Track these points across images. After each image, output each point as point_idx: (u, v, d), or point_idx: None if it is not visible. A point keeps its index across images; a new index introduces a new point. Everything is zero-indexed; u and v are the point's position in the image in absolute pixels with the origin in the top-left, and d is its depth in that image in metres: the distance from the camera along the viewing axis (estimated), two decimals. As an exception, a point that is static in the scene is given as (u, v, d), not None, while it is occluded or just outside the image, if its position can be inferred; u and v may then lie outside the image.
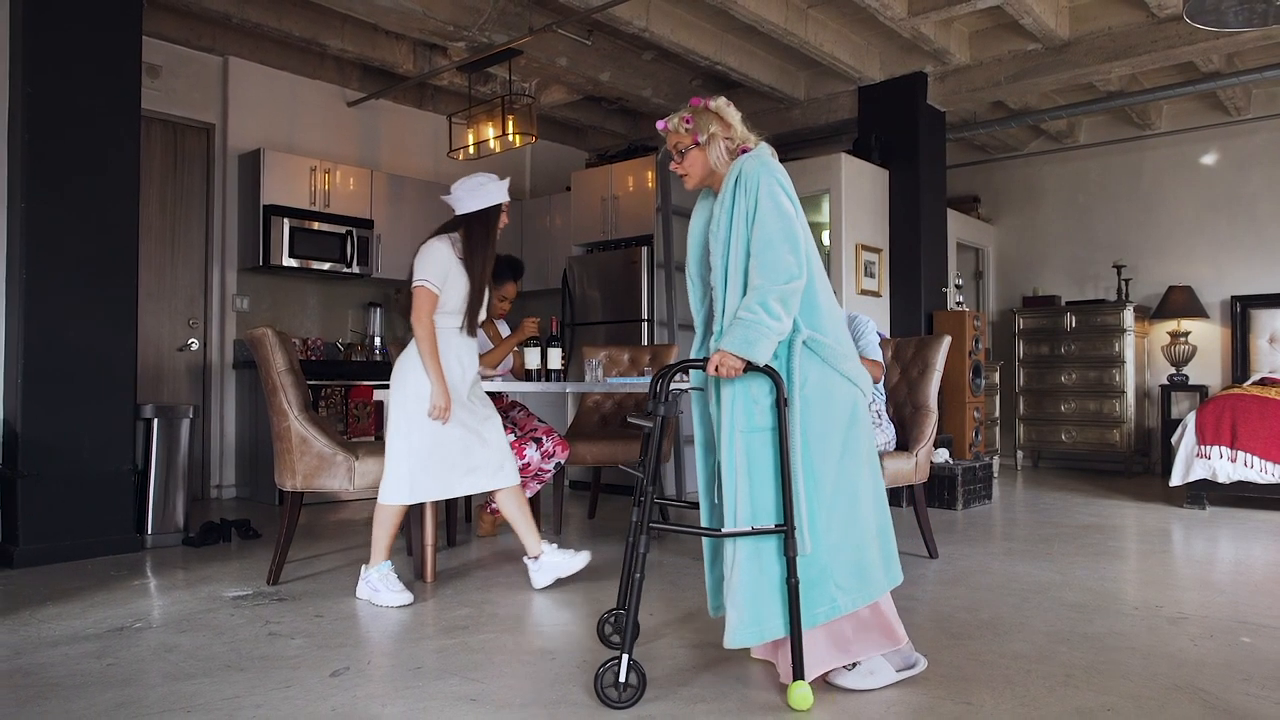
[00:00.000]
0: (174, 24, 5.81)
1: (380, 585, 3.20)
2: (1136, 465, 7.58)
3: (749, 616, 2.16)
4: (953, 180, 8.55)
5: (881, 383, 3.84)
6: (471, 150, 6.29)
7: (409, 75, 6.45)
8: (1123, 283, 7.63)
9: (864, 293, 6.48)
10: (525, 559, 3.43)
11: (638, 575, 2.16)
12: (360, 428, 5.98)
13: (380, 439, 6.05)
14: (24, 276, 3.92)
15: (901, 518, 4.64)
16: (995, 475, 7.28)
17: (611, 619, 2.67)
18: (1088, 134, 8.18)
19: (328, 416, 5.91)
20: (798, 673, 2.14)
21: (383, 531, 3.29)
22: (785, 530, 2.16)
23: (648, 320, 6.33)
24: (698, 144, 2.35)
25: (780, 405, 2.18)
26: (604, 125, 7.96)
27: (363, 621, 2.97)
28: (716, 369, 2.16)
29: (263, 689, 2.29)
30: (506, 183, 3.43)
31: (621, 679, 2.13)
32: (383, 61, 6.30)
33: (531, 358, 4.31)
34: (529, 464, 4.21)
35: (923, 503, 3.98)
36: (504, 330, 4.67)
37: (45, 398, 3.95)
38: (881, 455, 3.63)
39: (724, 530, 2.21)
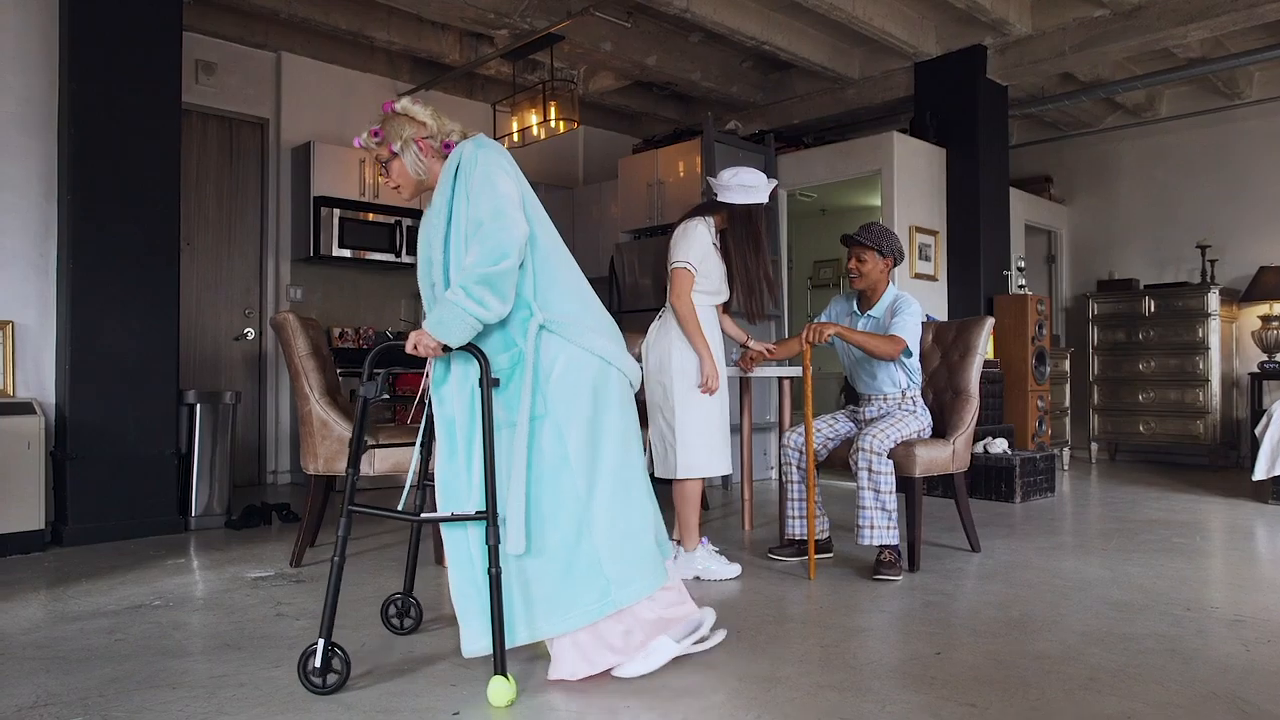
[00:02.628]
0: (229, 22, 5.95)
1: (709, 561, 3.32)
2: (1222, 459, 7.12)
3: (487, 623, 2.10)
4: (1022, 160, 8.18)
5: (917, 368, 3.65)
6: (515, 138, 6.29)
7: (456, 65, 6.48)
8: (1207, 264, 7.17)
9: (918, 276, 6.23)
10: (680, 551, 3.42)
11: (337, 559, 2.12)
12: (405, 414, 6.05)
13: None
14: (70, 267, 4.07)
15: (942, 509, 4.47)
16: (1065, 468, 6.94)
17: (397, 600, 2.64)
18: (1170, 106, 7.70)
19: (375, 405, 5.99)
20: (498, 666, 2.03)
21: (690, 510, 3.36)
22: (486, 518, 2.06)
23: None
24: (394, 153, 2.26)
25: (485, 387, 2.07)
26: (656, 111, 7.86)
27: (378, 597, 2.97)
28: (415, 347, 2.10)
29: (252, 668, 2.30)
30: (773, 185, 3.49)
31: (318, 664, 2.08)
32: (430, 52, 6.34)
33: None
34: None
35: (963, 493, 3.78)
36: None
37: (91, 383, 4.09)
38: (914, 442, 3.46)
39: (422, 515, 2.17)
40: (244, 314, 6.24)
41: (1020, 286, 6.60)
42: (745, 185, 3.39)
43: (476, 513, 2.09)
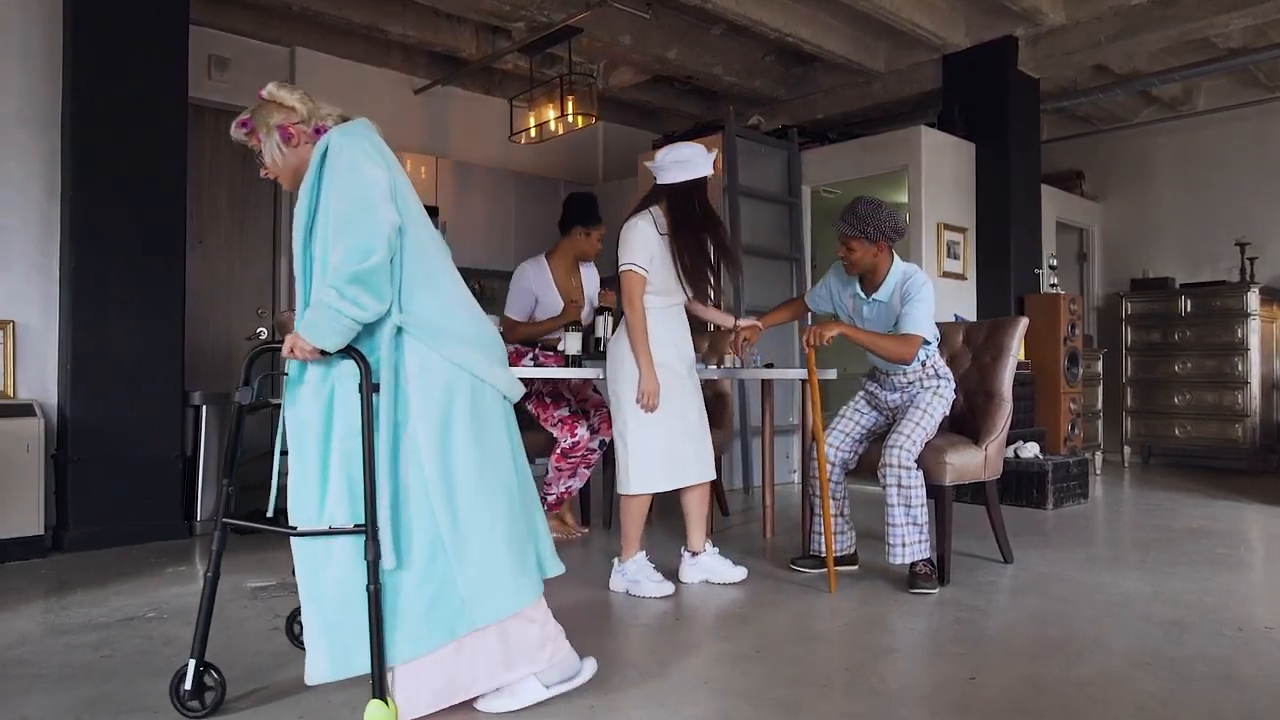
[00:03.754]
0: (243, 17, 5.87)
1: (640, 576, 3.14)
2: (1262, 463, 6.86)
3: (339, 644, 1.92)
4: (1053, 155, 7.94)
5: (935, 333, 3.37)
6: (533, 133, 6.16)
7: (473, 60, 6.36)
8: (1246, 262, 6.90)
9: (946, 274, 6.03)
10: (684, 549, 3.35)
11: (209, 574, 1.99)
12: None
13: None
14: (72, 266, 3.98)
15: (971, 516, 4.28)
16: (1097, 472, 6.71)
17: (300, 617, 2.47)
18: (1207, 99, 7.44)
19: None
20: (376, 689, 1.87)
21: (631, 522, 3.19)
22: (365, 532, 1.89)
23: (714, 305, 6.06)
24: (263, 142, 2.10)
25: (365, 393, 1.90)
26: (676, 107, 7.71)
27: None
28: (291, 351, 1.94)
29: (238, 689, 2.17)
30: (712, 156, 3.22)
31: (189, 687, 1.97)
32: (446, 47, 6.23)
33: (572, 343, 4.13)
34: (579, 443, 4.03)
35: (994, 501, 3.60)
36: (590, 277, 4.39)
37: (93, 384, 4.00)
38: (944, 448, 3.28)
39: (299, 529, 1.96)
40: (257, 313, 6.15)
41: (1052, 285, 6.39)
42: (679, 161, 3.14)
43: (355, 526, 1.92)
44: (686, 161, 3.14)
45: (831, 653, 2.54)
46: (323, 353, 1.93)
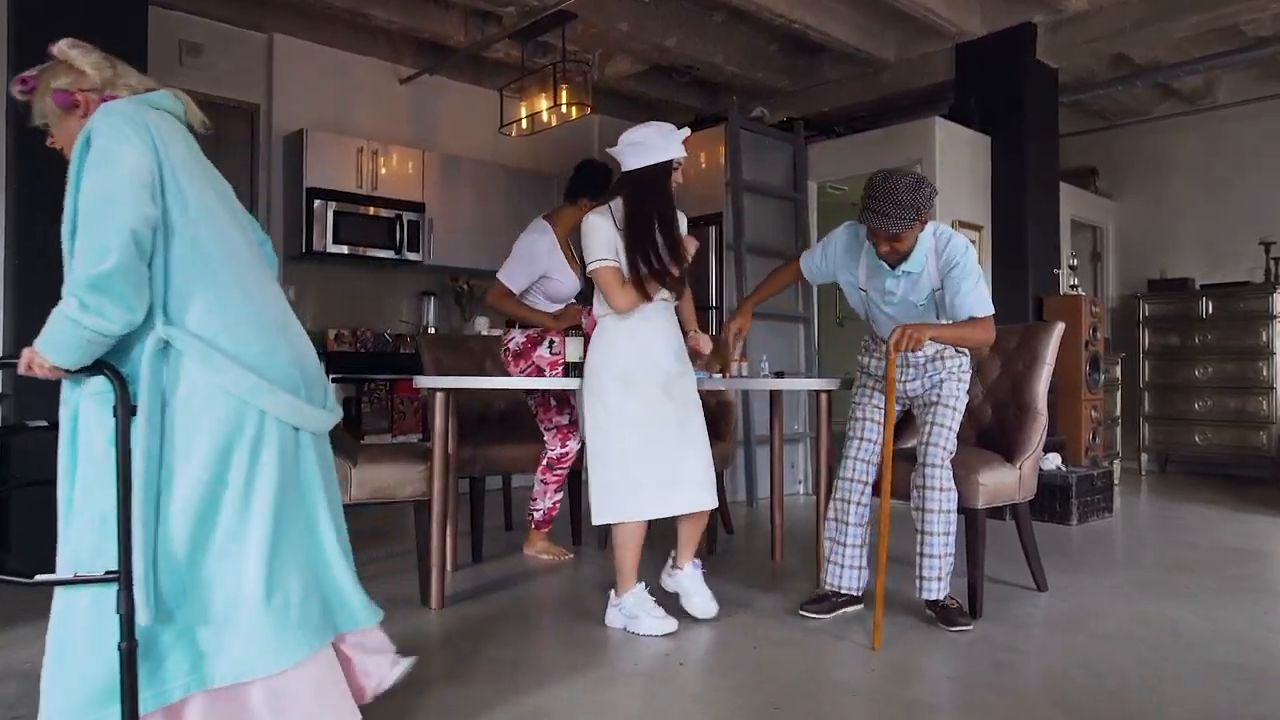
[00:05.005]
0: (218, 1, 5.53)
1: (638, 611, 2.79)
2: (1286, 472, 6.57)
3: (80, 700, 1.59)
4: (1067, 151, 7.60)
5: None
6: (524, 125, 5.84)
7: (461, 47, 6.03)
8: (1270, 262, 6.61)
9: (961, 275, 5.72)
10: (671, 554, 2.99)
11: None
12: (405, 425, 5.61)
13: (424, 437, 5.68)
14: (15, 266, 3.65)
15: (993, 532, 3.90)
16: (1116, 482, 6.41)
17: None
18: (1228, 93, 7.13)
19: (371, 413, 5.57)
20: None
21: (622, 552, 2.82)
22: (118, 579, 1.58)
23: (716, 308, 5.76)
24: (55, 105, 1.80)
25: (121, 417, 1.60)
26: (676, 99, 7.37)
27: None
28: (29, 368, 1.65)
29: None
30: (680, 135, 2.82)
31: None
32: (433, 34, 5.89)
33: (573, 349, 3.81)
34: (567, 454, 3.75)
35: (1028, 525, 3.29)
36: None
37: (38, 399, 3.65)
38: (977, 465, 2.96)
39: (37, 578, 1.63)
40: (232, 314, 5.82)
41: (1072, 286, 6.09)
42: (634, 144, 2.77)
43: (107, 573, 1.60)
44: (641, 143, 2.76)
45: (862, 711, 2.22)
46: (68, 371, 1.63)
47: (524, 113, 5.82)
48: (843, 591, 2.98)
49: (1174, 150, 7.45)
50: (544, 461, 3.78)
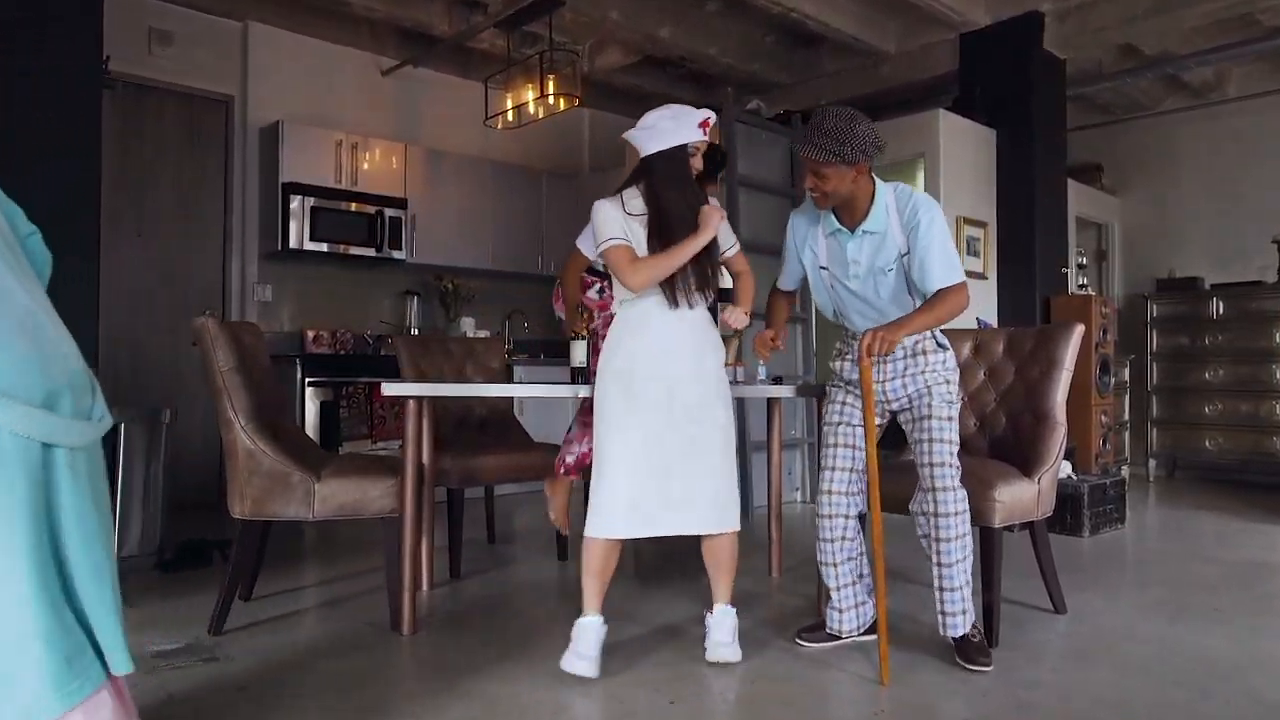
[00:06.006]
0: (189, -13, 5.30)
1: (573, 637, 2.46)
2: (1300, 479, 6.36)
3: None
4: (1071, 146, 7.37)
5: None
6: (510, 117, 5.59)
7: (446, 37, 5.79)
8: (1284, 261, 6.41)
9: (966, 274, 5.47)
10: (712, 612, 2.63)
11: None
12: (385, 430, 5.37)
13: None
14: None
15: (1012, 549, 3.64)
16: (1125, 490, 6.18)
17: None
18: (1239, 85, 6.92)
19: (350, 418, 5.32)
20: None
21: (585, 572, 2.49)
22: None
23: (710, 308, 5.51)
24: None
25: None
26: (669, 92, 7.11)
27: (297, 690, 2.28)
28: None
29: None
30: (696, 116, 2.54)
31: None
32: (415, 23, 5.65)
33: (578, 353, 3.54)
34: (587, 453, 3.48)
35: (1045, 542, 3.05)
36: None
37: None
38: (993, 480, 2.72)
39: None
40: (206, 315, 5.55)
41: (1081, 286, 5.87)
42: (646, 128, 2.53)
43: None
44: (652, 128, 2.52)
45: (871, 757, 1.99)
46: None
47: (510, 104, 5.57)
48: (844, 635, 2.70)
49: (1182, 145, 7.24)
50: (584, 406, 3.52)
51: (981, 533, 2.73)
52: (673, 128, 2.52)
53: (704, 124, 2.54)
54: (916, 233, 2.48)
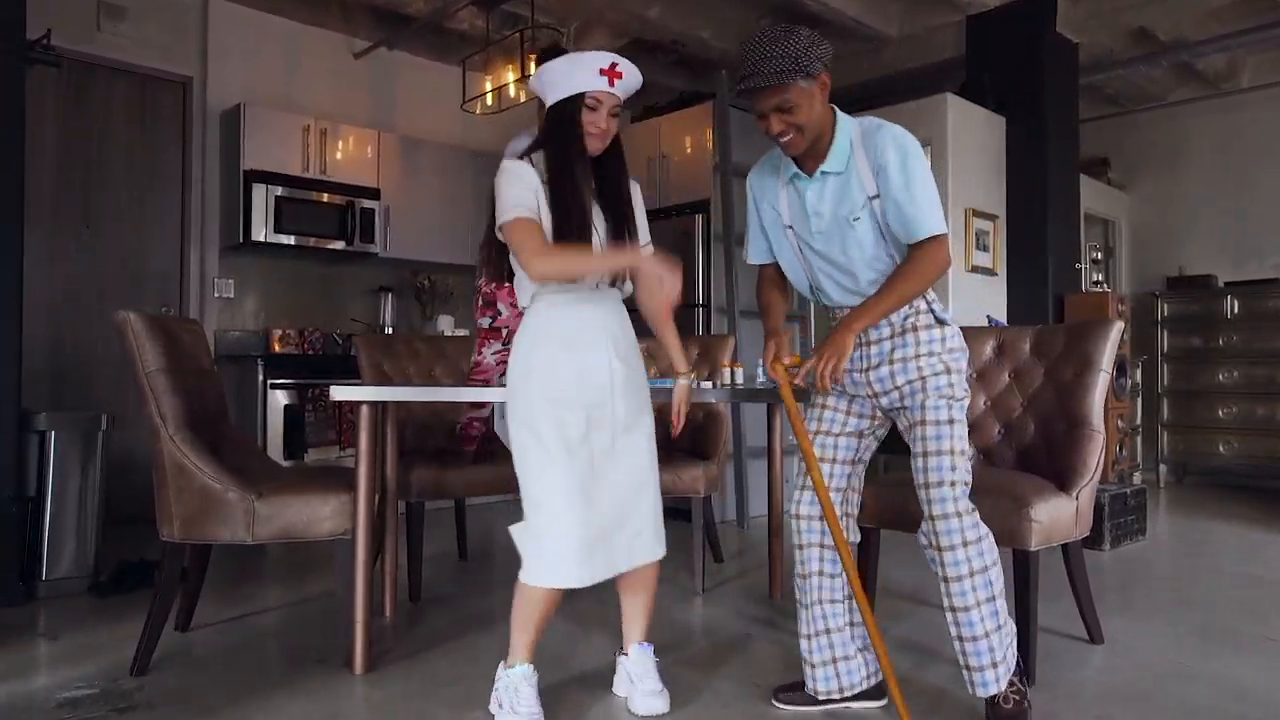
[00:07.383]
0: (144, -41, 4.92)
1: (507, 696, 2.09)
2: (1319, 485, 6.08)
3: None
4: (1078, 137, 7.13)
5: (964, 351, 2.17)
6: (489, 101, 5.24)
7: (421, 17, 5.43)
8: (1301, 258, 6.13)
9: (975, 269, 5.18)
10: (619, 651, 2.35)
11: None
12: (354, 437, 4.98)
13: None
14: None
15: (1047, 578, 3.29)
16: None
17: None
18: (1253, 75, 6.63)
19: (316, 424, 4.96)
20: None
21: (521, 619, 2.10)
22: None
23: (703, 305, 5.19)
24: None
25: None
26: (659, 79, 6.77)
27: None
28: None
29: None
30: (595, 61, 2.05)
31: None
32: (389, 2, 5.30)
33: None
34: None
35: (1080, 565, 2.73)
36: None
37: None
38: (1028, 499, 2.39)
39: None
40: (162, 312, 5.18)
41: (1095, 283, 5.56)
42: (546, 82, 2.08)
43: None
44: (544, 77, 2.08)
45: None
46: None
47: (489, 86, 5.22)
48: (820, 697, 2.22)
49: (1193, 138, 6.95)
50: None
51: (1014, 556, 2.40)
52: (565, 72, 2.05)
53: (608, 70, 2.04)
54: (886, 172, 1.98)
